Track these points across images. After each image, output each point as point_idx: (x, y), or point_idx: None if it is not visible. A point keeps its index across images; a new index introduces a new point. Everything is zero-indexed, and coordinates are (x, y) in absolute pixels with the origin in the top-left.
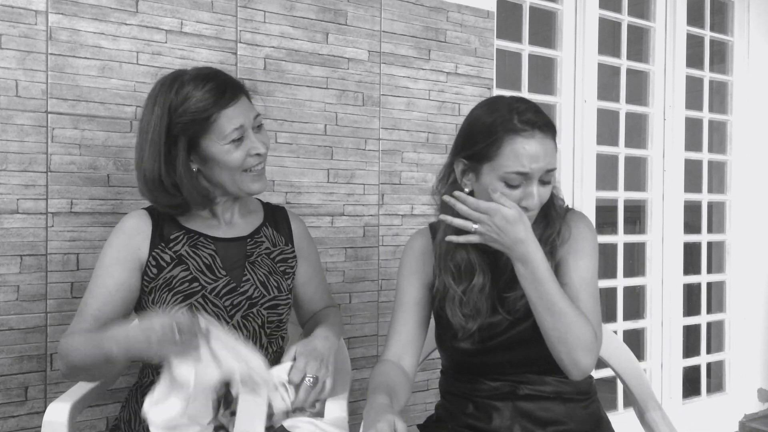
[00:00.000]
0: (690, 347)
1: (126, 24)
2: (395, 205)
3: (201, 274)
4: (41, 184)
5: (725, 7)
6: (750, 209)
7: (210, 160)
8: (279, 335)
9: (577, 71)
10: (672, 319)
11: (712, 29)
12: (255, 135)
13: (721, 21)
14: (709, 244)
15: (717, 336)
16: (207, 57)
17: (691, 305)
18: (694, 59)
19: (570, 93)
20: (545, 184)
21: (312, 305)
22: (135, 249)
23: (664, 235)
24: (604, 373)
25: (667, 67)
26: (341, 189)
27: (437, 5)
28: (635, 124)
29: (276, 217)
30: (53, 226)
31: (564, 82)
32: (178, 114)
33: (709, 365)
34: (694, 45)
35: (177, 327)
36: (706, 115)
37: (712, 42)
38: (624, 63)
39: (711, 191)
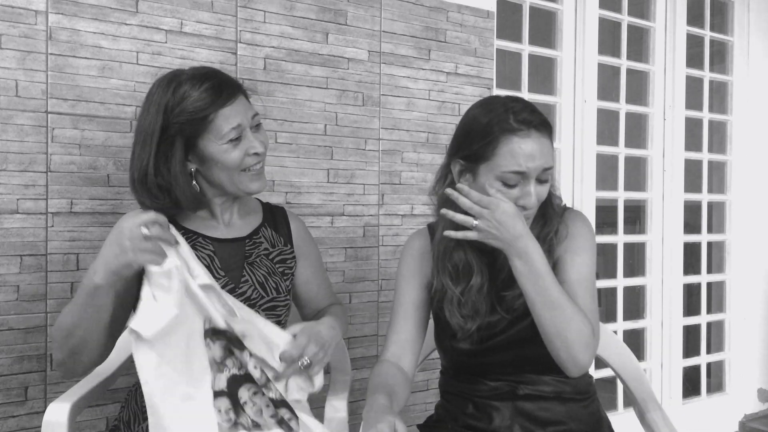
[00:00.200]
0: (690, 347)
1: (126, 24)
2: (395, 205)
3: None
4: (41, 184)
5: (725, 7)
6: (750, 209)
7: (208, 160)
8: None
9: (577, 71)
10: (672, 319)
11: (712, 29)
12: (253, 134)
13: (721, 21)
14: (709, 244)
15: (717, 336)
16: (207, 57)
17: (691, 305)
18: (694, 59)
19: (570, 93)
20: (542, 182)
21: (316, 303)
22: None
23: (664, 235)
24: (604, 373)
25: (667, 67)
26: (341, 189)
27: (437, 5)
28: (635, 124)
29: (275, 218)
30: (53, 226)
31: (564, 82)
32: (174, 114)
33: (709, 365)
34: (694, 45)
35: (144, 222)
36: (706, 115)
37: (712, 42)
38: (624, 63)
39: (711, 191)
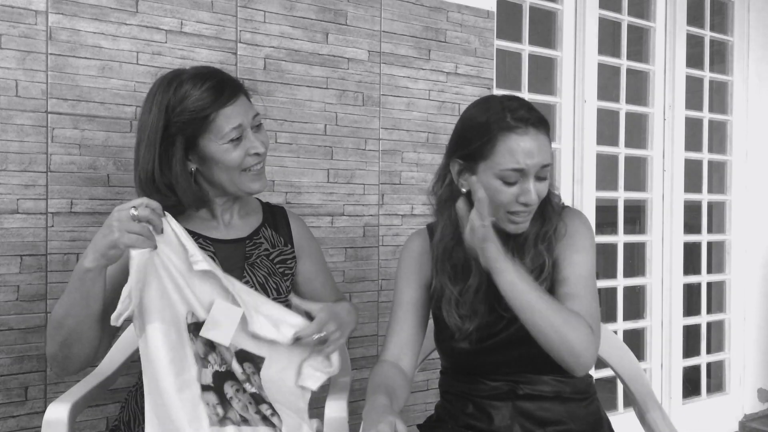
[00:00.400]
0: (690, 347)
1: (126, 24)
2: (395, 205)
3: None
4: (41, 184)
5: (725, 7)
6: (750, 209)
7: (208, 159)
8: None
9: (577, 71)
10: (672, 319)
11: (712, 29)
12: (254, 134)
13: (721, 21)
14: (710, 244)
15: (717, 336)
16: (207, 57)
17: (691, 305)
18: (694, 59)
19: (570, 93)
20: (542, 179)
21: (322, 300)
22: None
23: (664, 235)
24: (604, 373)
25: (667, 67)
26: (341, 189)
27: (437, 5)
28: (635, 124)
29: (275, 218)
30: (53, 226)
31: (564, 82)
32: (176, 113)
33: (709, 365)
34: (694, 45)
35: (135, 204)
36: (706, 115)
37: (712, 42)
38: (624, 63)
39: (711, 191)
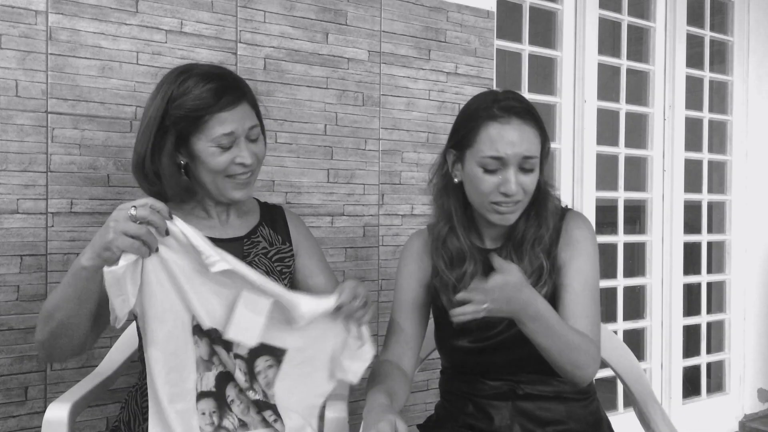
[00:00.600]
0: (690, 347)
1: (126, 24)
2: (395, 205)
3: None
4: (41, 184)
5: (725, 7)
6: (750, 209)
7: (196, 157)
8: None
9: (577, 71)
10: (672, 319)
11: (712, 29)
12: (246, 144)
13: (721, 21)
14: (710, 244)
15: (717, 336)
16: (207, 57)
17: (691, 305)
18: (694, 59)
19: (570, 93)
20: (526, 171)
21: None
22: None
23: (664, 235)
24: (604, 373)
25: (667, 67)
26: (341, 189)
27: (437, 5)
28: (635, 124)
29: (273, 217)
30: (53, 226)
31: (564, 82)
32: (174, 106)
33: (709, 365)
34: (694, 45)
35: (135, 204)
36: (706, 115)
37: (712, 42)
38: (624, 63)
39: (711, 191)
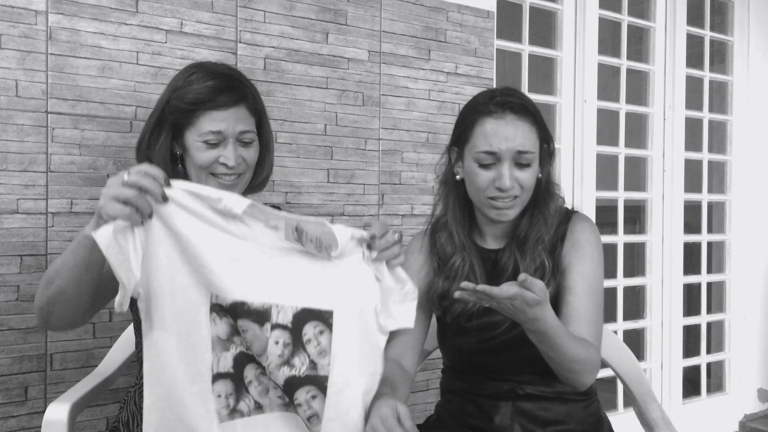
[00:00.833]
0: (690, 347)
1: (126, 24)
2: (395, 205)
3: None
4: (41, 184)
5: (725, 7)
6: (750, 209)
7: (186, 150)
8: None
9: (577, 71)
10: (672, 319)
11: (712, 29)
12: (235, 147)
13: (721, 21)
14: (709, 244)
15: (717, 336)
16: (207, 57)
17: (691, 305)
18: (694, 59)
19: (570, 93)
20: (523, 167)
21: None
22: None
23: (664, 235)
24: (604, 373)
25: (667, 67)
26: (341, 189)
27: (437, 5)
28: (635, 124)
29: None
30: (53, 226)
31: (564, 82)
32: (175, 96)
33: (709, 365)
34: (694, 45)
35: (129, 170)
36: (706, 115)
37: (712, 42)
38: (624, 63)
39: (711, 191)
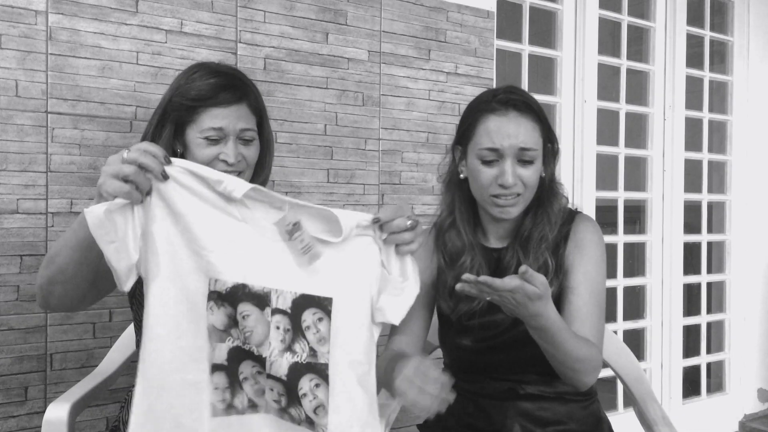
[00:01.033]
0: (690, 347)
1: (126, 24)
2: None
3: None
4: (41, 184)
5: (725, 7)
6: (750, 209)
7: (187, 147)
8: None
9: (577, 71)
10: (672, 319)
11: (712, 29)
12: (235, 144)
13: (721, 21)
14: (709, 244)
15: (717, 336)
16: (207, 57)
17: (691, 305)
18: (694, 59)
19: (570, 93)
20: (525, 164)
21: None
22: None
23: (664, 235)
24: (604, 373)
25: (667, 67)
26: (341, 189)
27: (437, 5)
28: (635, 124)
29: None
30: (53, 226)
31: (564, 82)
32: (177, 93)
33: (709, 365)
34: (694, 45)
35: (128, 148)
36: (706, 115)
37: (712, 42)
38: (624, 63)
39: (711, 191)
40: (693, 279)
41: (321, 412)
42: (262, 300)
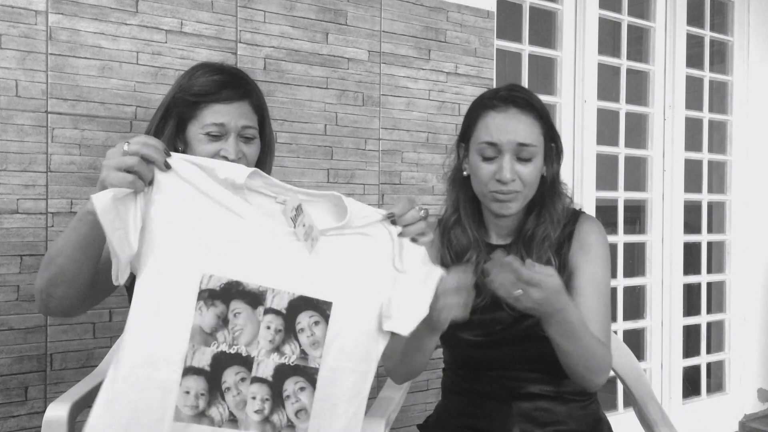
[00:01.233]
0: (690, 347)
1: (126, 24)
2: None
3: None
4: (41, 184)
5: (725, 7)
6: (750, 209)
7: (188, 143)
8: None
9: (577, 71)
10: (672, 319)
11: (712, 29)
12: (236, 141)
13: (721, 21)
14: (709, 244)
15: (717, 336)
16: (207, 57)
17: (691, 305)
18: (694, 59)
19: (570, 93)
20: (524, 161)
21: None
22: None
23: (664, 235)
24: None
25: (667, 67)
26: (341, 189)
27: (437, 5)
28: (635, 124)
29: None
30: (53, 226)
31: (564, 82)
32: (180, 90)
33: (709, 365)
34: (694, 45)
35: (129, 140)
36: (706, 115)
37: (712, 42)
38: (624, 63)
39: (711, 191)
40: (693, 279)
41: (303, 415)
42: (255, 299)
